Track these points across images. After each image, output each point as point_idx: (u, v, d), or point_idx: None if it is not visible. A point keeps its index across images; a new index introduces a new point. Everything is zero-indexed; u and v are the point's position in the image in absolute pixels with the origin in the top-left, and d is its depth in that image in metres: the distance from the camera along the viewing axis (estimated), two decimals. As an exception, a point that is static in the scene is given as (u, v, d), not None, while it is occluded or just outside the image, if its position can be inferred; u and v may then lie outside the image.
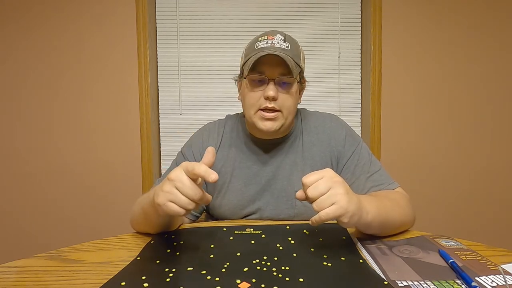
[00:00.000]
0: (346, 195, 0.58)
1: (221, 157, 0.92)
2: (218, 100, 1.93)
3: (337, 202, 0.57)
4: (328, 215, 0.57)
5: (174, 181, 0.57)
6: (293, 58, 0.80)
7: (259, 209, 0.89)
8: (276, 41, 0.80)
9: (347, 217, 0.58)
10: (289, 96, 0.82)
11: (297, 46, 0.84)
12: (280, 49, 0.79)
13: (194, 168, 0.56)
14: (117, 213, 1.87)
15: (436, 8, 1.86)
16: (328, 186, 0.58)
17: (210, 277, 0.53)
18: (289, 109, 0.83)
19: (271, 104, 0.80)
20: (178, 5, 1.89)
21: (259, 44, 0.81)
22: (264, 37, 0.82)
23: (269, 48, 0.79)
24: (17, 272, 0.58)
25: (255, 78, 0.82)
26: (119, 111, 1.85)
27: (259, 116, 0.82)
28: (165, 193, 0.57)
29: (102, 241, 0.71)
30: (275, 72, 0.80)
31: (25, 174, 1.85)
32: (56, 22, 1.81)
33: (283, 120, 0.83)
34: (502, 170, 1.91)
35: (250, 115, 0.84)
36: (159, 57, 1.92)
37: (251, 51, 0.81)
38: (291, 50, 0.80)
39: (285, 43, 0.81)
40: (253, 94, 0.82)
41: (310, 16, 1.92)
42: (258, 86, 0.82)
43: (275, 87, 0.80)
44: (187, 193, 0.56)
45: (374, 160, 0.89)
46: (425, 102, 1.89)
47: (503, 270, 0.52)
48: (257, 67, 0.80)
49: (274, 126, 0.82)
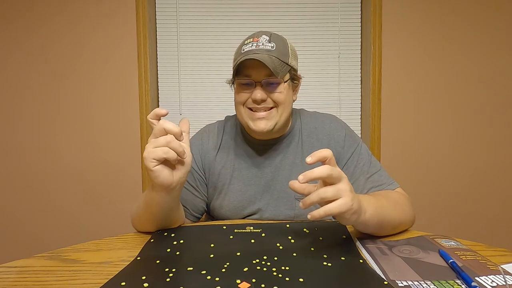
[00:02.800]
0: (351, 192, 0.57)
1: (221, 158, 0.92)
2: (218, 100, 1.93)
3: (344, 197, 0.55)
4: (333, 210, 0.55)
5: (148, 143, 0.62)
6: (279, 57, 0.80)
7: (259, 209, 0.89)
8: (260, 43, 0.81)
9: (349, 214, 0.57)
10: (279, 94, 0.82)
11: (284, 44, 0.84)
12: (265, 50, 0.79)
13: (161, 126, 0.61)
14: (117, 213, 1.87)
15: (436, 8, 1.86)
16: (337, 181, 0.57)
17: (210, 277, 0.53)
18: (282, 105, 0.83)
19: (260, 105, 0.81)
20: (178, 5, 1.89)
21: (244, 48, 0.81)
22: (250, 40, 0.83)
23: (253, 51, 0.79)
24: (17, 272, 0.58)
25: (242, 82, 0.83)
26: (119, 111, 1.85)
27: (250, 117, 0.83)
28: (146, 153, 0.60)
29: (102, 241, 0.71)
30: (261, 74, 0.80)
31: (24, 174, 1.85)
32: (57, 22, 1.81)
33: (277, 117, 0.83)
34: (502, 170, 1.91)
35: (242, 116, 0.85)
36: (159, 57, 1.92)
37: (238, 56, 0.82)
38: (277, 50, 0.80)
39: (270, 43, 0.81)
40: (242, 95, 0.83)
41: (310, 16, 1.92)
42: (246, 89, 0.83)
43: (261, 90, 0.80)
44: (161, 142, 0.60)
45: (373, 160, 0.89)
46: (425, 102, 1.89)
47: (503, 270, 0.52)
48: (243, 71, 0.81)
49: (268, 125, 0.82)
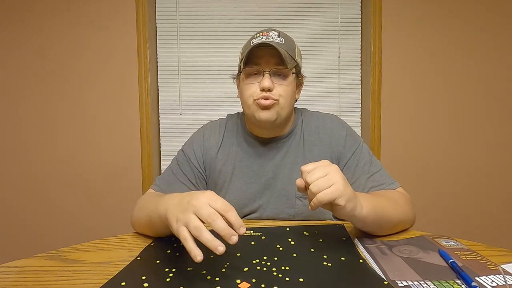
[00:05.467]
0: (342, 180, 0.60)
1: (222, 156, 0.92)
2: (218, 100, 1.93)
3: (335, 184, 0.59)
4: (326, 195, 0.58)
5: (194, 206, 0.53)
6: (287, 51, 0.82)
7: (259, 207, 0.89)
8: (270, 36, 0.83)
9: (344, 200, 0.59)
10: (286, 87, 0.83)
11: (292, 42, 0.87)
12: (275, 42, 0.81)
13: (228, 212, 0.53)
14: (117, 213, 1.87)
15: (436, 8, 1.86)
16: (326, 171, 0.60)
17: (210, 277, 0.53)
18: (286, 99, 0.84)
19: (267, 94, 0.82)
20: (178, 5, 1.89)
21: (254, 41, 0.83)
22: (259, 34, 0.85)
23: (264, 42, 0.81)
24: (17, 272, 0.58)
25: (251, 71, 0.83)
26: (119, 111, 1.85)
27: (255, 106, 0.83)
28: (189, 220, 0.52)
29: (102, 241, 0.71)
30: (270, 63, 0.82)
31: (24, 174, 1.85)
32: (56, 22, 1.81)
33: (279, 109, 0.84)
34: (502, 169, 1.91)
35: (248, 105, 0.85)
36: (159, 57, 1.92)
37: (246, 48, 0.83)
38: (286, 44, 0.83)
39: (280, 38, 0.84)
40: (249, 86, 0.84)
41: (310, 16, 1.92)
42: (254, 79, 0.84)
43: (270, 79, 0.81)
44: (208, 214, 0.52)
45: (374, 160, 0.89)
46: (425, 102, 1.89)
47: (503, 270, 0.52)
48: (252, 60, 0.82)
49: (270, 115, 0.82)
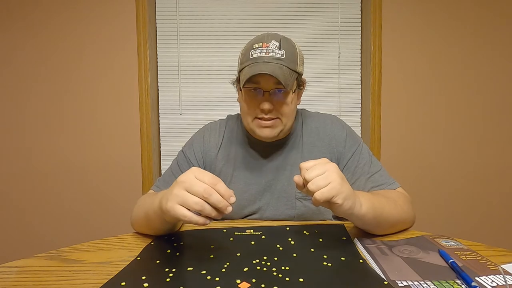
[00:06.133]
0: (339, 178, 0.61)
1: (222, 157, 0.92)
2: (218, 100, 1.93)
3: (332, 183, 0.59)
4: (323, 194, 0.58)
5: (184, 182, 0.56)
6: (289, 66, 0.79)
7: (259, 209, 0.89)
8: (270, 49, 0.79)
9: (341, 198, 0.59)
10: (286, 105, 0.82)
11: (294, 50, 0.82)
12: (274, 59, 0.78)
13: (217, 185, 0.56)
14: (117, 213, 1.87)
15: (435, 8, 1.85)
16: (324, 169, 0.61)
17: (210, 277, 0.53)
18: (287, 116, 0.84)
19: (267, 115, 0.81)
20: (178, 5, 1.89)
21: (253, 53, 0.80)
22: (259, 45, 0.80)
23: (263, 58, 0.78)
24: (17, 272, 0.58)
25: (250, 89, 0.82)
26: (119, 111, 1.85)
27: (256, 124, 0.83)
28: (176, 198, 0.56)
29: (102, 241, 0.71)
30: (270, 82, 0.79)
31: (24, 174, 1.85)
32: (57, 23, 1.81)
33: (281, 127, 0.84)
34: (502, 169, 1.91)
35: (248, 122, 0.85)
36: (159, 57, 1.92)
37: (246, 60, 0.81)
38: (286, 58, 0.79)
39: (280, 50, 0.79)
40: (249, 103, 0.83)
41: (310, 16, 1.91)
42: (254, 96, 0.82)
43: (269, 99, 0.80)
44: (198, 190, 0.55)
45: (374, 160, 0.89)
46: (425, 102, 1.89)
47: (503, 270, 0.52)
48: (252, 78, 0.79)
49: (273, 133, 0.83)
